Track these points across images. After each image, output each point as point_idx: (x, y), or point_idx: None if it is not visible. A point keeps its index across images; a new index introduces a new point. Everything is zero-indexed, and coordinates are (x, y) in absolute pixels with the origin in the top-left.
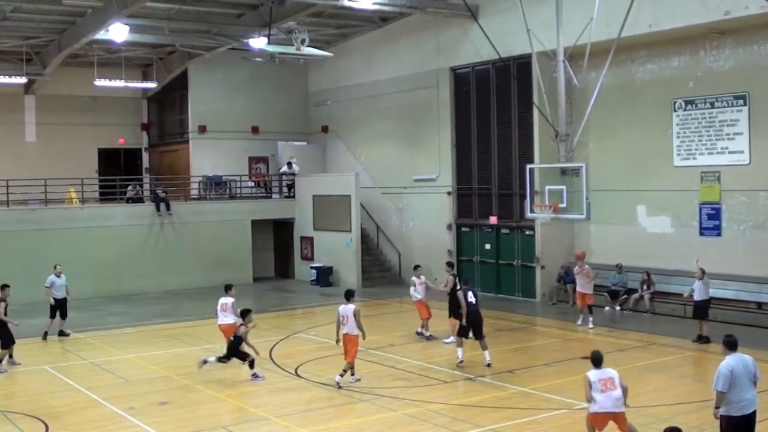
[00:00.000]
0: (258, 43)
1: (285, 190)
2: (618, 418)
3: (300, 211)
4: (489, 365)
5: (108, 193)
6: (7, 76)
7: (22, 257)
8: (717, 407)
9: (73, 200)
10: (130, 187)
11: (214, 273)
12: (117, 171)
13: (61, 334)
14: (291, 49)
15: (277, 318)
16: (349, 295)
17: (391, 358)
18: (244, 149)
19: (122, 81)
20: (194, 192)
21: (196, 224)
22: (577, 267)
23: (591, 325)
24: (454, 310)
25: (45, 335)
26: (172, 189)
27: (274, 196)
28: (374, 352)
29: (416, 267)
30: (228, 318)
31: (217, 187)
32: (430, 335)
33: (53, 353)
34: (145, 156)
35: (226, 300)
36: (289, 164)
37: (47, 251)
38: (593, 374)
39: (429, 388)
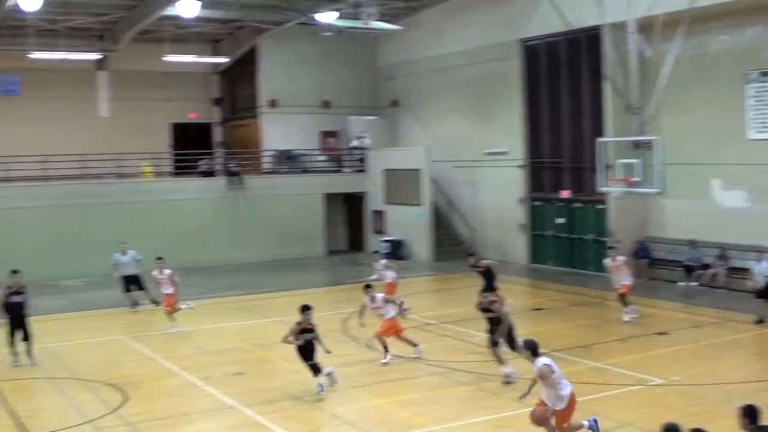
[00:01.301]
0: (327, 17)
1: (356, 164)
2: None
3: (371, 184)
4: None
5: (181, 167)
6: (80, 53)
7: (98, 230)
8: None
9: (147, 174)
10: (202, 161)
11: (287, 246)
12: (190, 145)
13: (154, 302)
14: (359, 23)
15: (350, 291)
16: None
17: (464, 332)
18: (315, 123)
19: (193, 56)
20: (266, 166)
21: (269, 198)
22: (609, 259)
23: (628, 318)
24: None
25: (134, 304)
26: (245, 163)
27: (345, 170)
28: (447, 326)
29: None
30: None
31: (288, 161)
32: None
33: (131, 323)
34: (218, 130)
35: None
36: (360, 138)
37: (121, 224)
38: (545, 359)
39: None
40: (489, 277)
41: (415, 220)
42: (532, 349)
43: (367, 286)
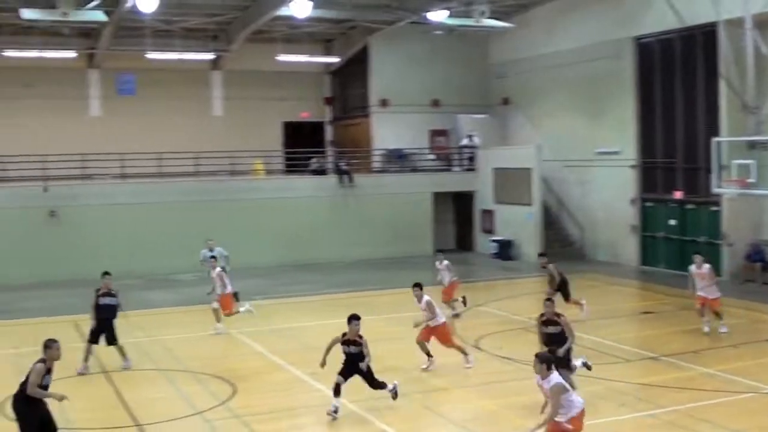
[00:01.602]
0: (438, 16)
1: (465, 162)
2: None
3: (480, 183)
4: None
5: (292, 166)
6: (194, 53)
7: (210, 226)
8: None
9: (259, 172)
10: (313, 160)
11: (396, 244)
12: (301, 144)
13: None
14: (470, 21)
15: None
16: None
17: None
18: (424, 122)
19: (305, 56)
20: (376, 165)
21: (378, 196)
22: (694, 266)
23: (725, 329)
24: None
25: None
26: (355, 162)
27: (454, 168)
28: None
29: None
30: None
31: (398, 160)
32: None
33: (240, 318)
34: (329, 129)
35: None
36: (470, 137)
37: (233, 221)
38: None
39: (610, 366)
40: (560, 281)
41: (524, 219)
42: (548, 364)
43: (415, 285)
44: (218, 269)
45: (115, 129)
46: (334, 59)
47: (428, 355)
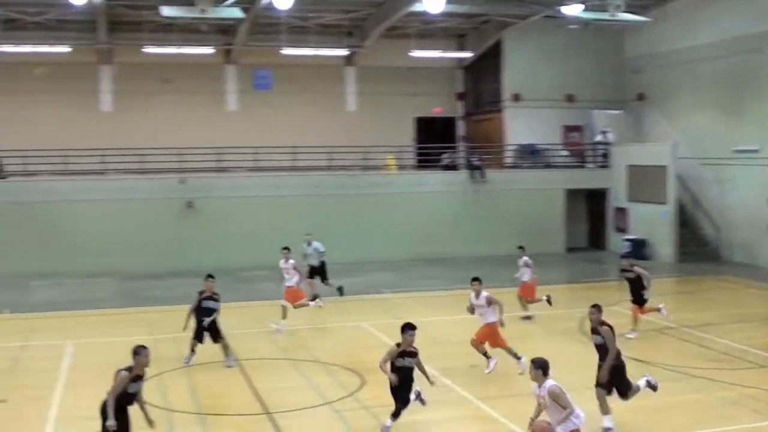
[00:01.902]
0: (572, 9)
1: (599, 159)
2: None
3: (614, 181)
4: None
5: (424, 161)
6: (329, 49)
7: (342, 220)
8: None
9: (391, 167)
10: (445, 155)
11: (526, 241)
12: (433, 139)
13: (339, 290)
14: (605, 15)
15: (587, 290)
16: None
17: (706, 338)
18: (557, 117)
19: (438, 51)
20: (508, 160)
21: (509, 192)
22: None
23: None
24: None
25: (313, 298)
26: (487, 157)
27: (587, 165)
28: (688, 331)
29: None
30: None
31: (530, 156)
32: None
33: (370, 311)
34: (461, 124)
35: None
36: (604, 133)
37: (365, 215)
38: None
39: (744, 371)
40: (638, 286)
41: (659, 218)
42: (544, 369)
43: (475, 279)
44: (291, 261)
45: (251, 123)
46: (467, 54)
47: (486, 356)
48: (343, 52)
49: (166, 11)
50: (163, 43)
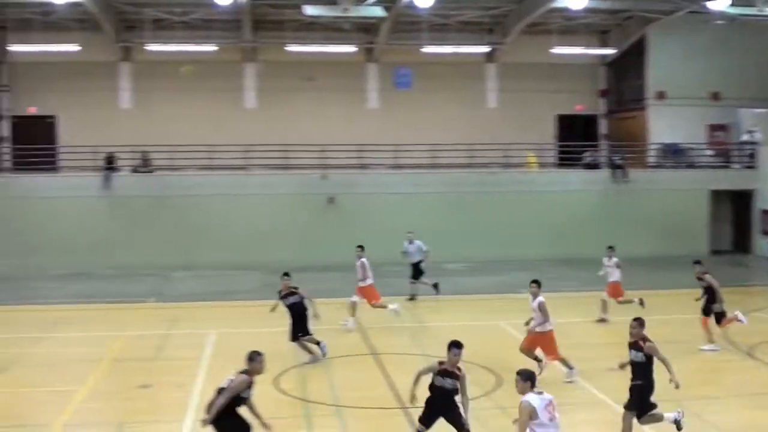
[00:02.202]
0: (719, 5)
1: (745, 159)
2: None
3: (761, 182)
4: None
5: (565, 159)
6: (469, 46)
7: (481, 218)
8: None
9: (532, 165)
10: (586, 153)
11: (667, 243)
12: (574, 137)
13: (435, 287)
14: (753, 11)
15: (730, 294)
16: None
17: None
18: (702, 116)
19: (580, 48)
20: (651, 160)
21: (651, 192)
22: None
23: None
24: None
25: (412, 297)
26: (629, 156)
27: (733, 165)
28: None
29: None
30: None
31: (674, 155)
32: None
33: (508, 310)
34: (603, 122)
35: None
36: (750, 132)
37: (504, 213)
38: (535, 399)
39: None
40: (711, 296)
41: None
42: (532, 381)
43: (533, 282)
44: (363, 259)
45: (391, 121)
46: (610, 51)
47: (537, 360)
48: (484, 49)
49: (309, 10)
50: (306, 41)
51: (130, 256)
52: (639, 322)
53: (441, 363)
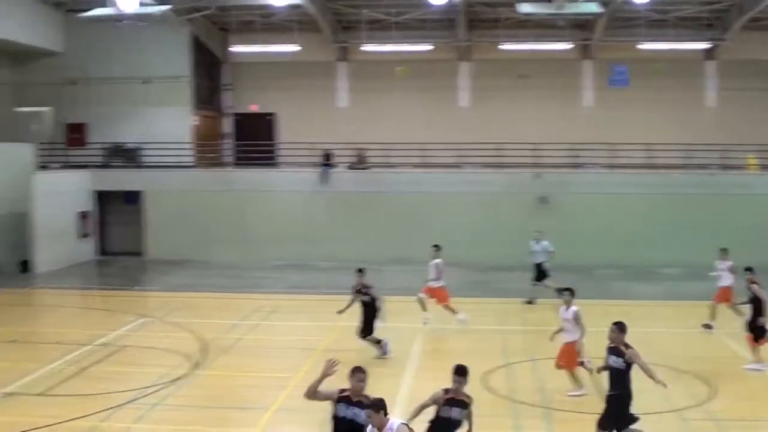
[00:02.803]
0: None
1: None
2: None
3: None
4: None
5: None
6: (687, 42)
7: (698, 221)
8: None
9: (752, 167)
10: None
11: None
12: None
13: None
14: None
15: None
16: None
17: None
18: None
19: None
20: None
21: None
22: None
23: None
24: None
25: (530, 301)
26: None
27: None
28: None
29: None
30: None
31: None
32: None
33: (728, 318)
34: None
35: None
36: None
37: (720, 216)
38: None
39: None
40: (757, 309)
41: None
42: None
43: (566, 290)
44: (438, 260)
45: (606, 119)
46: None
47: (583, 366)
48: (703, 45)
49: (524, 8)
50: (520, 39)
51: (344, 249)
52: (619, 326)
53: (446, 391)
